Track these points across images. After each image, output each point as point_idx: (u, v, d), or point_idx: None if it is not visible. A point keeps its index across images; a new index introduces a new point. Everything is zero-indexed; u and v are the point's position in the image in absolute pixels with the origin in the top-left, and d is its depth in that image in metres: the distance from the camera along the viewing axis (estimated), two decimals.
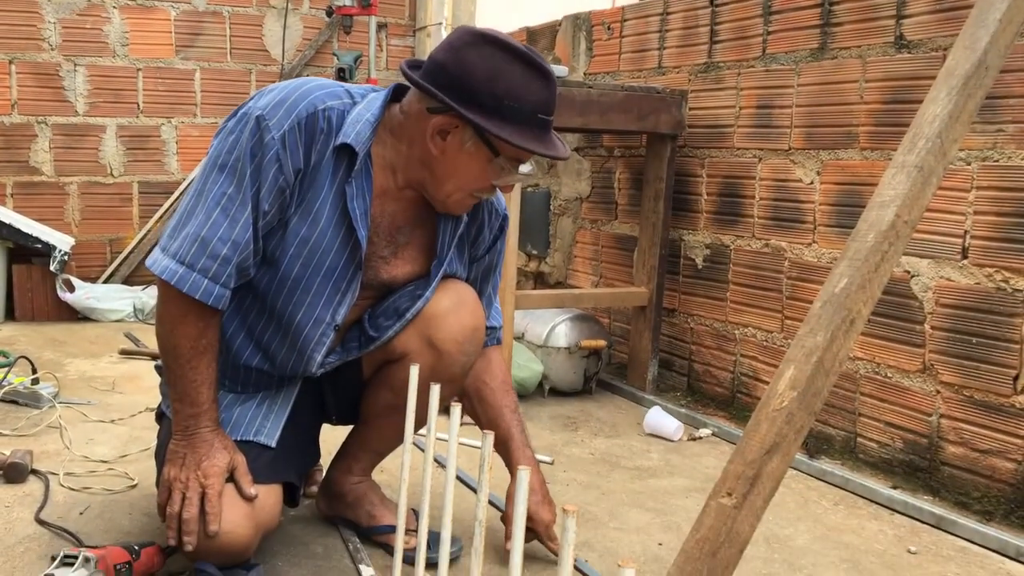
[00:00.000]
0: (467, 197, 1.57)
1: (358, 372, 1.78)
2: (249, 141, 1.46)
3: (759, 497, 1.15)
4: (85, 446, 2.29)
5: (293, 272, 1.55)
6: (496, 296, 1.89)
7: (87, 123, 4.21)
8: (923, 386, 2.22)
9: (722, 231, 2.86)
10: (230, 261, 1.47)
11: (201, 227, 1.46)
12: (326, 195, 1.53)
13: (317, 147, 1.50)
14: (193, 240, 1.46)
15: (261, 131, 1.45)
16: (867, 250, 1.22)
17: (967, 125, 1.29)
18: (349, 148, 1.51)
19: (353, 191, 1.53)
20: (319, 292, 1.58)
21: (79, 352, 3.36)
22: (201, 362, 1.52)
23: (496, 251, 1.79)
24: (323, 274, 1.56)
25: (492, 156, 1.50)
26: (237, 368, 1.69)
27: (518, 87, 1.45)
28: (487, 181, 1.54)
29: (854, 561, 1.84)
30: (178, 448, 1.54)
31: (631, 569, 0.70)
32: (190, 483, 1.50)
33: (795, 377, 1.19)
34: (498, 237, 1.77)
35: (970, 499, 2.10)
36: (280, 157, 1.47)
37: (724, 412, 2.83)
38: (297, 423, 1.70)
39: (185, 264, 1.46)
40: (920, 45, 2.23)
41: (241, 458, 1.55)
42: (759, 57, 2.71)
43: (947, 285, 2.15)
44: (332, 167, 1.52)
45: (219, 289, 1.48)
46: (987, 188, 2.07)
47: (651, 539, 1.90)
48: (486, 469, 1.01)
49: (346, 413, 1.84)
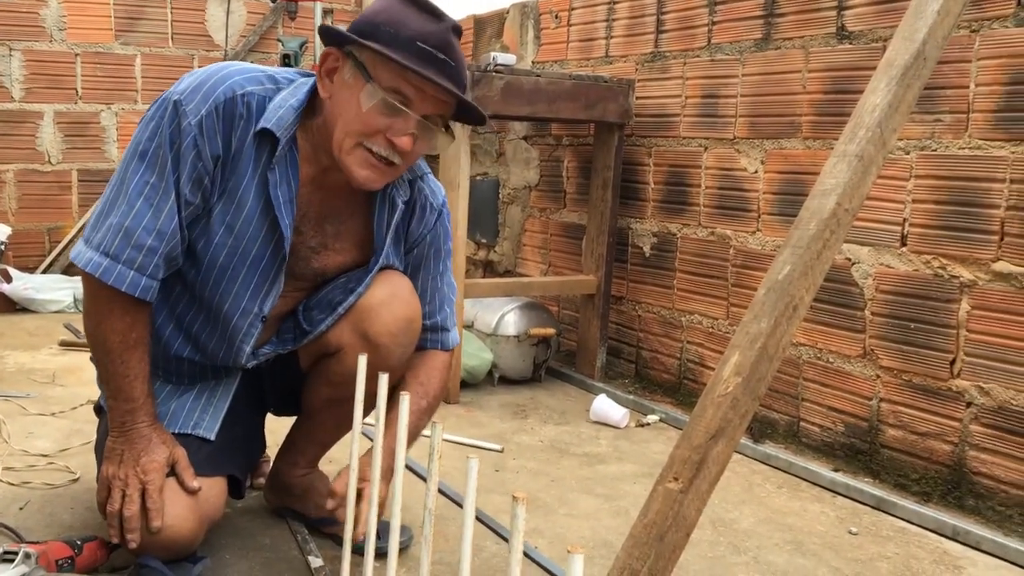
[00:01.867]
0: (358, 148, 1.43)
1: (296, 364, 1.75)
2: (168, 127, 1.43)
3: (705, 481, 1.17)
4: (25, 440, 2.24)
5: (218, 262, 1.52)
6: (452, 296, 1.79)
7: (23, 109, 4.09)
8: (863, 371, 2.26)
9: (669, 219, 2.89)
10: (156, 251, 1.44)
11: (125, 217, 1.42)
12: (248, 183, 1.48)
13: (237, 133, 1.45)
14: (117, 231, 1.42)
15: (179, 116, 1.42)
16: (809, 238, 1.24)
17: (906, 115, 1.32)
18: (270, 134, 1.46)
19: (276, 178, 1.48)
20: (245, 282, 1.54)
21: (17, 344, 3.27)
22: (132, 356, 1.49)
23: (428, 244, 1.69)
24: (248, 264, 1.53)
25: (367, 81, 1.40)
26: (169, 359, 1.66)
27: (397, 16, 1.41)
28: (372, 121, 1.41)
29: (797, 543, 1.88)
30: (115, 445, 1.51)
31: (580, 555, 0.71)
32: (129, 480, 1.47)
33: (740, 363, 1.20)
34: (432, 230, 1.69)
35: (909, 481, 2.15)
36: (198, 143, 1.43)
37: (671, 398, 2.87)
38: (238, 416, 1.68)
39: (110, 256, 1.42)
40: (861, 36, 2.26)
41: (181, 451, 1.53)
42: (704, 47, 2.73)
43: (887, 272, 2.20)
44: (254, 154, 1.47)
45: (146, 280, 1.44)
46: (925, 177, 2.12)
47: (600, 524, 1.92)
48: (435, 458, 1.01)
49: (285, 404, 1.82)
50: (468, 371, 2.87)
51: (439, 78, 1.39)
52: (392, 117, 1.42)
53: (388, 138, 1.42)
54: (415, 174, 1.64)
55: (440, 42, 1.41)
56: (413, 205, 1.65)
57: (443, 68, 1.41)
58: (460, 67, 1.45)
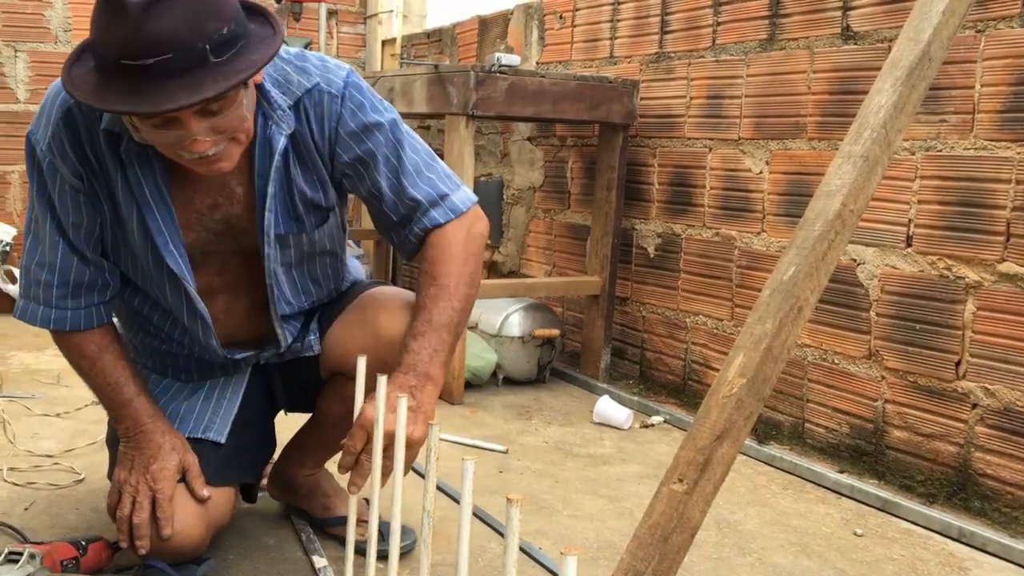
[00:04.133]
0: (180, 158, 1.30)
1: (311, 366, 1.72)
2: (31, 165, 1.44)
3: (710, 483, 1.16)
4: (30, 440, 2.24)
5: (139, 270, 1.50)
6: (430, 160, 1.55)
7: (29, 111, 4.10)
8: (869, 372, 2.26)
9: (673, 220, 2.88)
10: (52, 284, 1.47)
11: (25, 259, 1.51)
12: (123, 186, 1.42)
13: (89, 142, 1.39)
14: (23, 272, 1.51)
15: (34, 148, 1.43)
16: (814, 239, 1.24)
17: (911, 116, 1.31)
18: (114, 132, 1.39)
19: (136, 170, 1.40)
20: (160, 285, 1.51)
21: (22, 345, 3.28)
22: (103, 366, 1.51)
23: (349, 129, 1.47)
24: (154, 267, 1.48)
25: None
26: (163, 356, 1.66)
27: (97, 29, 1.19)
28: (159, 142, 1.28)
29: (802, 544, 1.88)
30: (127, 451, 1.52)
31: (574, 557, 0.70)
32: (140, 487, 1.48)
33: (744, 364, 1.20)
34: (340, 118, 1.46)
35: (914, 482, 2.15)
36: (56, 166, 1.41)
37: (676, 399, 2.86)
38: (249, 417, 1.67)
39: (23, 296, 1.51)
40: (866, 37, 2.26)
41: (193, 458, 1.53)
42: (709, 48, 2.73)
43: (892, 273, 2.20)
44: (112, 157, 1.41)
45: (56, 312, 1.48)
46: (931, 177, 2.11)
47: (604, 526, 1.92)
48: (433, 459, 1.01)
49: (297, 403, 1.79)
50: (472, 372, 2.87)
51: (159, 102, 1.15)
52: (166, 134, 1.25)
53: (187, 148, 1.26)
54: (295, 95, 1.44)
55: (140, 45, 1.14)
56: (312, 115, 1.46)
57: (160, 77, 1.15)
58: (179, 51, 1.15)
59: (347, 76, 1.49)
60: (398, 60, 4.50)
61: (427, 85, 2.77)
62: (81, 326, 1.50)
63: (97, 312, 1.51)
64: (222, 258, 1.53)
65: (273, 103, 1.42)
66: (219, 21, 1.17)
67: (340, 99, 1.46)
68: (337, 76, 1.47)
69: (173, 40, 1.14)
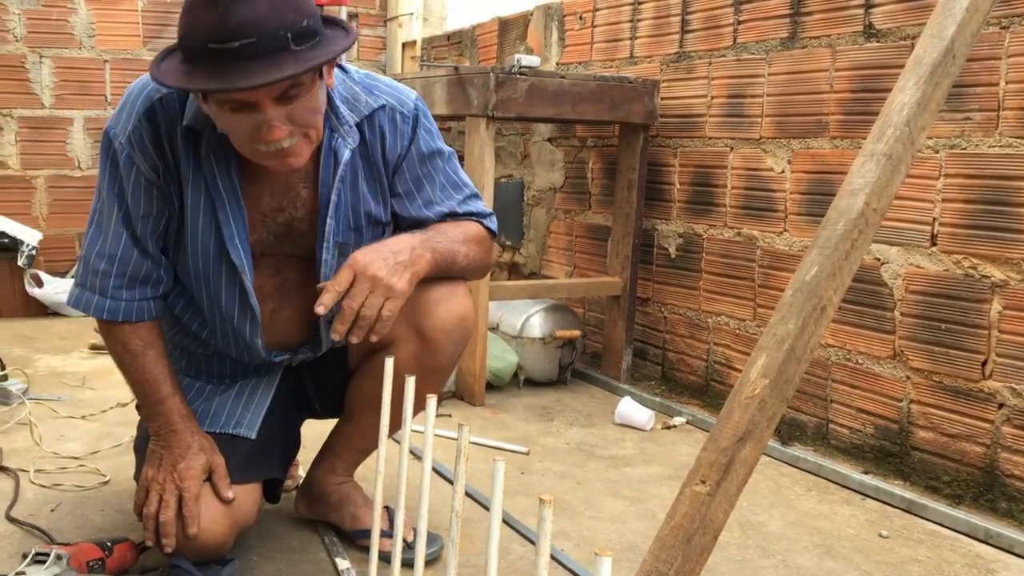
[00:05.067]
0: (254, 153, 1.39)
1: (341, 363, 1.74)
2: (106, 156, 1.50)
3: (733, 484, 1.16)
4: (56, 442, 2.26)
5: (199, 266, 1.54)
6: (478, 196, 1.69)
7: (54, 116, 4.15)
8: (893, 372, 2.24)
9: (695, 220, 2.87)
10: (110, 274, 1.51)
11: (85, 248, 1.54)
12: (195, 181, 1.49)
13: (168, 137, 1.47)
14: (82, 262, 1.54)
15: (112, 141, 1.49)
16: (837, 238, 1.23)
17: (935, 113, 1.30)
18: (194, 129, 1.46)
19: (212, 167, 1.48)
20: (216, 280, 1.55)
21: (49, 348, 3.32)
22: (145, 361, 1.54)
23: (415, 153, 1.60)
24: (214, 261, 1.53)
25: (205, 101, 1.36)
26: (199, 359, 1.68)
27: (186, 21, 1.29)
28: (236, 131, 1.37)
29: (827, 546, 1.86)
30: (156, 448, 1.54)
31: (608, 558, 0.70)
32: (167, 486, 1.50)
33: (767, 365, 1.19)
34: (412, 139, 1.59)
35: (940, 483, 2.13)
36: (133, 158, 1.47)
37: (698, 400, 2.85)
38: (278, 414, 1.68)
39: (78, 285, 1.54)
40: (888, 34, 2.24)
41: (220, 460, 1.54)
42: (730, 47, 2.72)
43: (916, 272, 2.18)
44: (191, 153, 1.48)
45: (110, 302, 1.52)
46: (955, 176, 2.09)
47: (627, 527, 1.91)
48: (462, 460, 1.01)
49: (330, 404, 1.80)
50: (493, 373, 2.87)
51: (245, 79, 1.24)
52: (246, 119, 1.33)
53: (261, 138, 1.34)
54: (361, 114, 1.55)
55: (222, 31, 1.24)
56: (381, 133, 1.57)
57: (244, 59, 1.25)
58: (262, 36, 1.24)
59: (417, 99, 1.62)
60: (418, 62, 4.51)
61: (447, 87, 2.78)
62: (132, 318, 1.53)
63: (148, 307, 1.55)
64: (277, 261, 1.59)
65: (341, 118, 1.52)
66: (299, 14, 1.28)
67: (412, 120, 1.59)
68: (408, 98, 1.60)
69: (257, 25, 1.24)
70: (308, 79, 1.33)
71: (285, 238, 1.57)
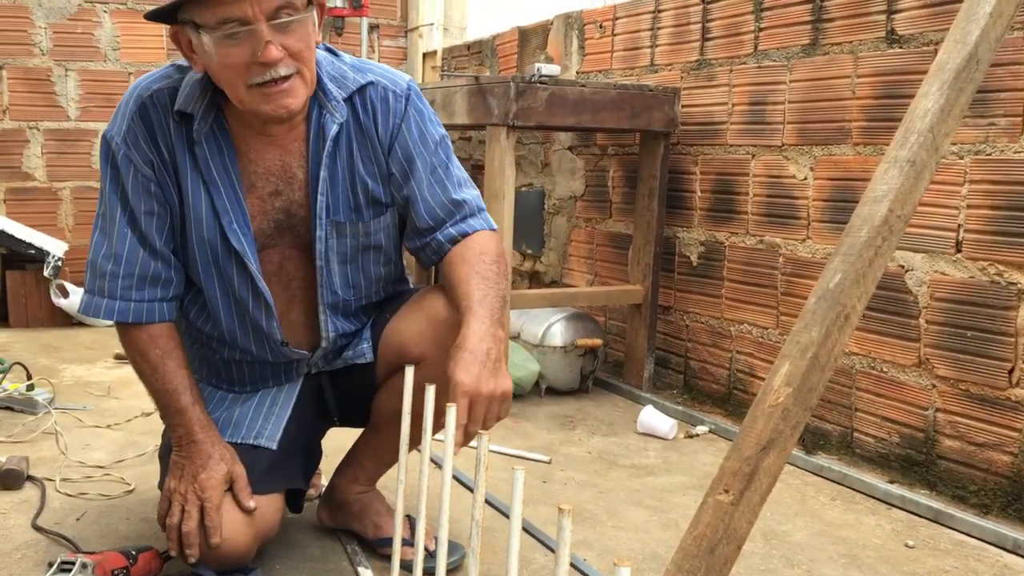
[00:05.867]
0: (249, 91, 1.39)
1: (366, 375, 1.73)
2: (105, 162, 1.53)
3: (756, 493, 1.15)
4: (81, 451, 2.28)
5: (206, 258, 1.55)
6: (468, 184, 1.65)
7: (79, 128, 4.20)
8: (919, 380, 2.22)
9: (716, 228, 2.86)
10: (117, 275, 1.52)
11: (91, 254, 1.56)
12: (191, 170, 1.51)
13: (161, 132, 1.49)
14: (89, 267, 1.55)
15: (109, 144, 1.52)
16: (861, 245, 1.22)
17: (959, 119, 1.29)
18: (185, 114, 1.48)
19: (204, 152, 1.50)
20: (225, 270, 1.55)
21: (74, 357, 3.35)
22: (165, 370, 1.54)
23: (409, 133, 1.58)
24: (219, 250, 1.54)
25: (200, 34, 1.36)
26: (219, 366, 1.68)
27: None
28: (233, 62, 1.37)
29: (852, 556, 1.85)
30: (178, 459, 1.55)
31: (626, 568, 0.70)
32: (188, 496, 1.51)
33: (790, 373, 1.19)
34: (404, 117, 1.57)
35: (967, 492, 2.10)
36: (130, 156, 1.49)
37: (721, 409, 2.83)
38: (300, 425, 1.69)
39: (88, 291, 1.56)
40: (911, 40, 2.23)
41: (240, 469, 1.55)
42: (751, 54, 2.71)
43: (941, 279, 2.16)
44: (185, 142, 1.50)
45: (119, 304, 1.53)
46: (980, 182, 2.07)
47: (649, 537, 1.90)
48: (482, 469, 1.01)
49: (350, 416, 1.80)
50: (515, 382, 2.87)
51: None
52: (241, 45, 1.34)
53: (257, 63, 1.35)
54: (350, 88, 1.55)
55: None
56: (374, 112, 1.56)
57: None
58: None
59: (410, 81, 1.61)
60: (439, 72, 4.53)
61: (468, 96, 2.78)
62: (143, 319, 1.54)
63: (160, 308, 1.55)
64: (280, 254, 1.59)
65: (328, 94, 1.52)
66: None
67: (404, 99, 1.58)
68: (401, 79, 1.60)
69: None
70: (300, 3, 1.36)
71: (285, 226, 1.57)
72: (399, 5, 4.80)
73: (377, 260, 1.66)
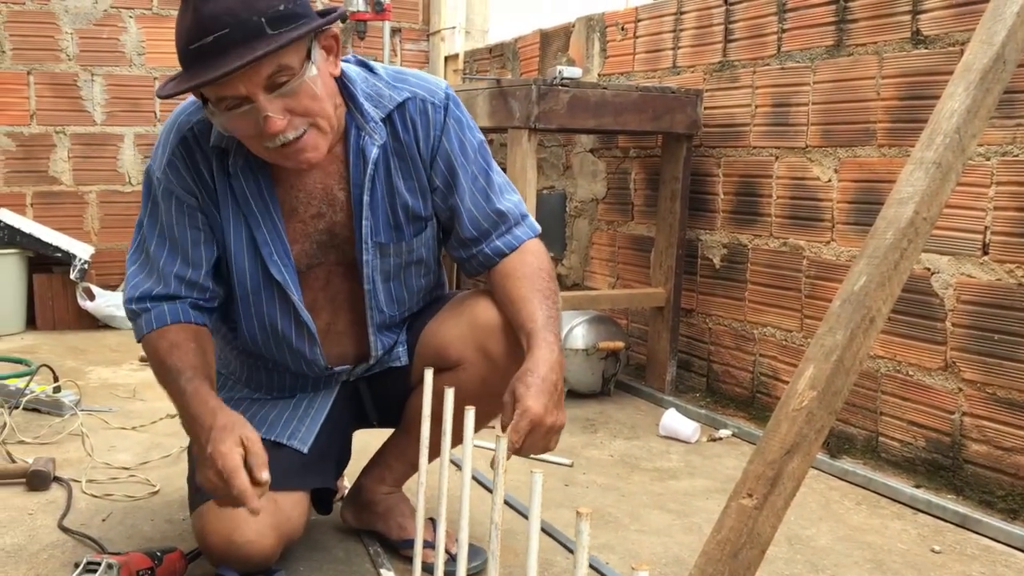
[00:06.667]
0: (268, 152, 1.40)
1: (401, 377, 1.73)
2: (147, 195, 1.55)
3: (780, 498, 1.14)
4: (107, 453, 2.30)
5: (246, 290, 1.55)
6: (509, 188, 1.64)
7: (105, 132, 4.24)
8: (945, 384, 2.20)
9: (740, 230, 2.85)
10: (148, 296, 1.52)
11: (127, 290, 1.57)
12: (232, 204, 1.52)
13: (202, 164, 1.50)
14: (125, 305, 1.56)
15: (150, 178, 1.54)
16: (886, 248, 1.21)
17: (985, 120, 1.28)
18: (220, 148, 1.49)
19: (241, 184, 1.50)
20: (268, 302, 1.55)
21: (100, 360, 3.38)
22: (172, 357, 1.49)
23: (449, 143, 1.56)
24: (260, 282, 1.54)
25: (206, 107, 1.38)
26: (259, 372, 1.70)
27: (175, 34, 1.35)
28: (239, 132, 1.39)
29: (877, 561, 1.83)
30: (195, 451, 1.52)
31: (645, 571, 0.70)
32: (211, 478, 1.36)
33: (815, 376, 1.18)
34: (444, 128, 1.55)
35: (994, 497, 2.08)
36: (171, 188, 1.50)
37: (744, 412, 2.82)
38: (333, 426, 1.69)
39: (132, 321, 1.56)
40: (937, 40, 2.21)
41: (253, 434, 1.37)
42: (774, 55, 2.70)
43: (968, 282, 2.14)
44: (224, 175, 1.51)
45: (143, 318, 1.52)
46: (1007, 183, 2.05)
47: (672, 541, 1.89)
48: (500, 471, 1.01)
49: (388, 417, 1.80)
50: None
51: (220, 67, 1.27)
52: (247, 118, 1.34)
53: (265, 134, 1.35)
54: (387, 108, 1.53)
55: (197, 30, 1.29)
56: (413, 125, 1.55)
57: (222, 51, 1.27)
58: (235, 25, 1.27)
59: (447, 89, 1.59)
60: (461, 75, 4.54)
61: (489, 99, 2.79)
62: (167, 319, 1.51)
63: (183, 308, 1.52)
64: (326, 271, 1.60)
65: (366, 115, 1.51)
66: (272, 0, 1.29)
67: (444, 110, 1.55)
68: (438, 88, 1.57)
69: (228, 16, 1.27)
70: (296, 63, 1.33)
71: (329, 246, 1.58)
72: (421, 9, 4.81)
73: (419, 273, 1.67)
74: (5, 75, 4.05)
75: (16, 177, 4.12)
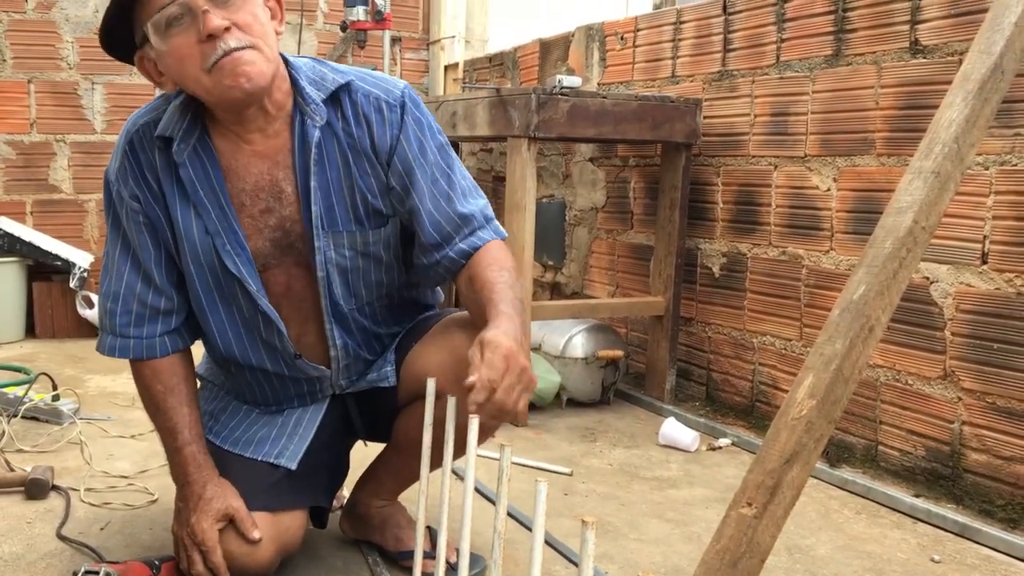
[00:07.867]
0: (209, 75, 1.37)
1: (389, 397, 1.71)
2: (107, 201, 1.57)
3: (779, 507, 1.14)
4: (106, 461, 2.30)
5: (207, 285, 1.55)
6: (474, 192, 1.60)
7: (105, 141, 4.24)
8: (944, 393, 2.20)
9: (739, 239, 2.85)
10: (115, 312, 1.55)
11: (100, 294, 1.59)
12: (180, 197, 1.51)
13: (148, 164, 1.51)
14: (98, 306, 1.60)
15: (106, 184, 1.56)
16: (885, 257, 1.22)
17: (984, 130, 1.28)
18: (165, 138, 1.49)
19: (188, 172, 1.49)
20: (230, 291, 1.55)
21: (99, 368, 3.37)
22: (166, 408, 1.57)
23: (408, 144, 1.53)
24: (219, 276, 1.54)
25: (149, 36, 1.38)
26: (241, 384, 1.69)
27: None
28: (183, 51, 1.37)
29: (877, 570, 1.83)
30: (177, 502, 1.57)
31: None
32: (186, 542, 1.52)
33: (814, 385, 1.18)
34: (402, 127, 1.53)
35: (994, 507, 2.08)
36: (121, 192, 1.53)
37: (743, 421, 2.82)
38: (324, 442, 1.68)
39: (100, 329, 1.61)
40: (935, 50, 2.21)
41: (239, 503, 1.52)
42: (773, 65, 2.70)
43: (967, 291, 2.14)
44: (170, 168, 1.51)
45: (120, 340, 1.56)
46: (1005, 193, 2.06)
47: (671, 550, 1.89)
48: (504, 481, 1.01)
49: (375, 432, 1.79)
50: (536, 394, 2.86)
51: None
52: (186, 31, 1.35)
53: (205, 41, 1.34)
54: (328, 88, 1.51)
55: None
56: (368, 122, 1.52)
57: None
58: None
59: (404, 88, 1.56)
60: (460, 84, 4.55)
61: (489, 108, 2.79)
62: (144, 355, 1.56)
63: (162, 343, 1.57)
64: (285, 273, 1.57)
65: (307, 98, 1.50)
66: None
67: (400, 108, 1.53)
68: (395, 87, 1.55)
69: None
70: None
71: (284, 244, 1.54)
72: (421, 18, 4.82)
73: (378, 268, 1.61)
74: (6, 83, 4.06)
75: (16, 185, 4.12)
